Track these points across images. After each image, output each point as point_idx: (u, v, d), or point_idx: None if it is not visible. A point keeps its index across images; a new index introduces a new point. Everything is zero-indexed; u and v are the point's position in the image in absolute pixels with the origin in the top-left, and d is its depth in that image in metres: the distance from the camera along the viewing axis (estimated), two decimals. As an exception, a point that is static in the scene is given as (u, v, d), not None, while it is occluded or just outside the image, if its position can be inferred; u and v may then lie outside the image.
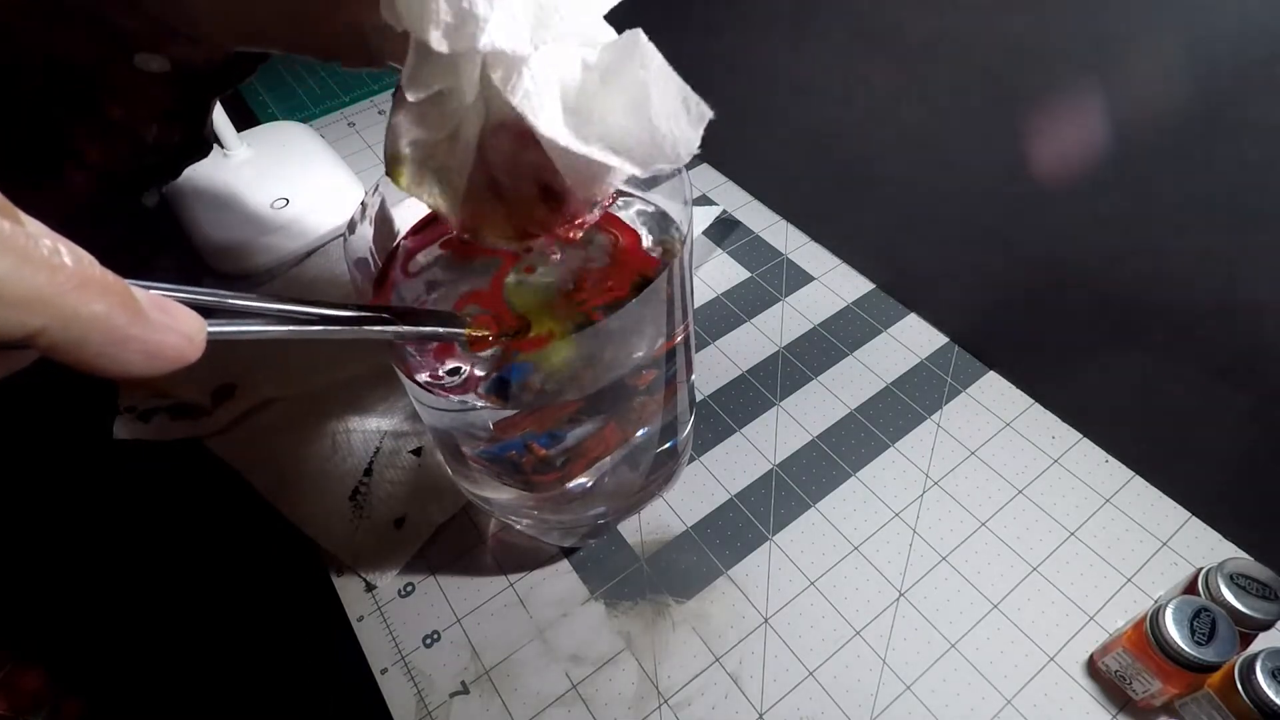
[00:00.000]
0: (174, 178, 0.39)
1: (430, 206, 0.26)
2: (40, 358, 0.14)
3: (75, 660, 0.50)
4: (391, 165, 0.25)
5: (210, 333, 0.17)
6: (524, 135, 0.24)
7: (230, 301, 0.20)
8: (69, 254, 0.14)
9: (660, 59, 0.22)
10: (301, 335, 0.21)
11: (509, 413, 0.31)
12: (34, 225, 0.14)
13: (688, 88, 0.22)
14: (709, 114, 0.22)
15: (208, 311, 0.17)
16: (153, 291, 0.16)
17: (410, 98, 0.23)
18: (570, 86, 0.23)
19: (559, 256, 0.33)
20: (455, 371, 0.30)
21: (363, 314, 0.24)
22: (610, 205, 0.35)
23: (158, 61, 0.31)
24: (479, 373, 0.30)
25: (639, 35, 0.22)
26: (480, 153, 0.25)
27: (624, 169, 0.23)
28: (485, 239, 0.27)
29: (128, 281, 0.15)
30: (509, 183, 0.25)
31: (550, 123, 0.22)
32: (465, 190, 0.25)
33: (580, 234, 0.32)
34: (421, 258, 0.34)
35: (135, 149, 0.34)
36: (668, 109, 0.22)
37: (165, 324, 0.15)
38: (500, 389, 0.30)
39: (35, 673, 0.46)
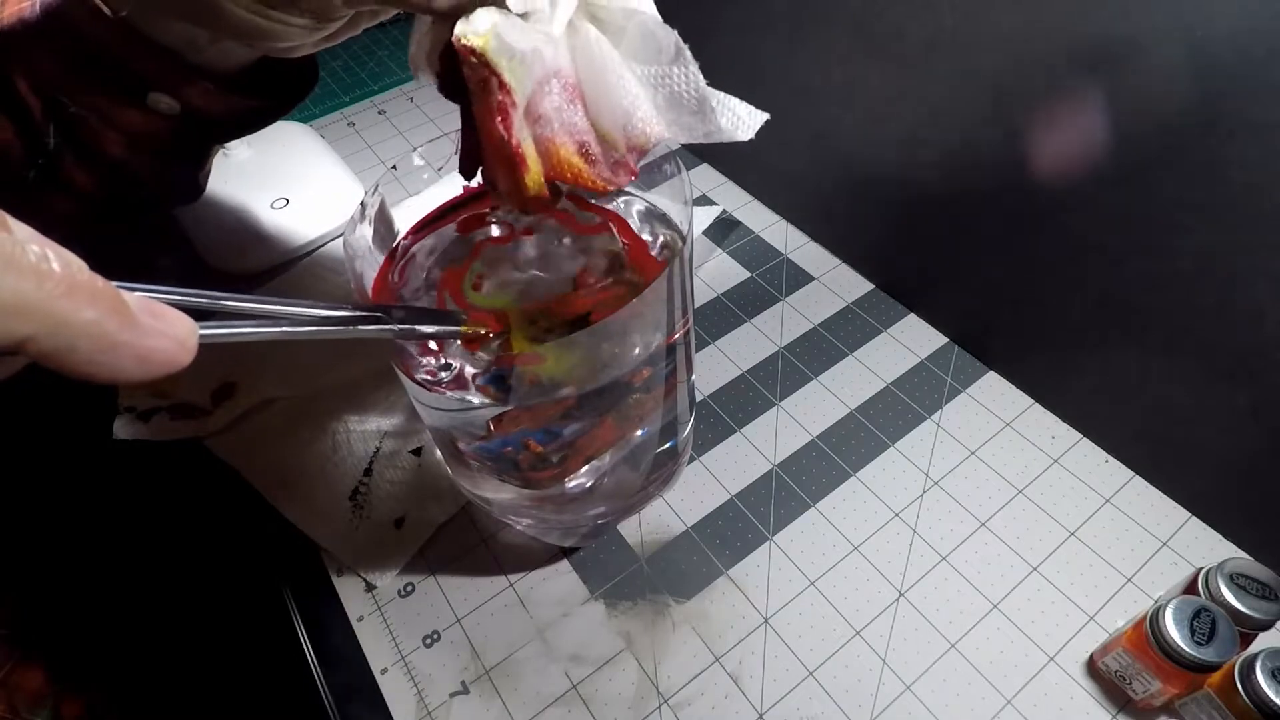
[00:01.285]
0: (164, 212, 0.39)
1: (498, 72, 0.24)
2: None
3: (75, 660, 0.50)
4: (469, 35, 0.23)
5: (203, 335, 0.17)
6: (576, 91, 0.25)
7: (225, 303, 0.20)
8: (57, 260, 0.14)
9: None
10: (296, 336, 0.21)
11: (506, 409, 0.31)
12: (22, 230, 0.14)
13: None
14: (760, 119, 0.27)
15: (202, 313, 0.17)
16: (144, 295, 0.16)
17: (513, 5, 0.23)
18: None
19: (518, 270, 0.33)
20: (446, 367, 0.31)
21: (357, 314, 0.24)
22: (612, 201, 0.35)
23: (167, 103, 0.31)
24: (472, 370, 0.30)
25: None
26: (534, 95, 0.25)
27: (691, 131, 0.26)
28: (502, 186, 0.27)
29: (118, 285, 0.15)
30: (549, 131, 0.26)
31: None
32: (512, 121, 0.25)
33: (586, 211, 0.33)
34: (420, 255, 0.35)
35: (129, 184, 0.34)
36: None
37: (156, 329, 0.15)
38: (498, 384, 0.30)
39: (35, 672, 0.46)
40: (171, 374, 0.16)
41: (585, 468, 0.35)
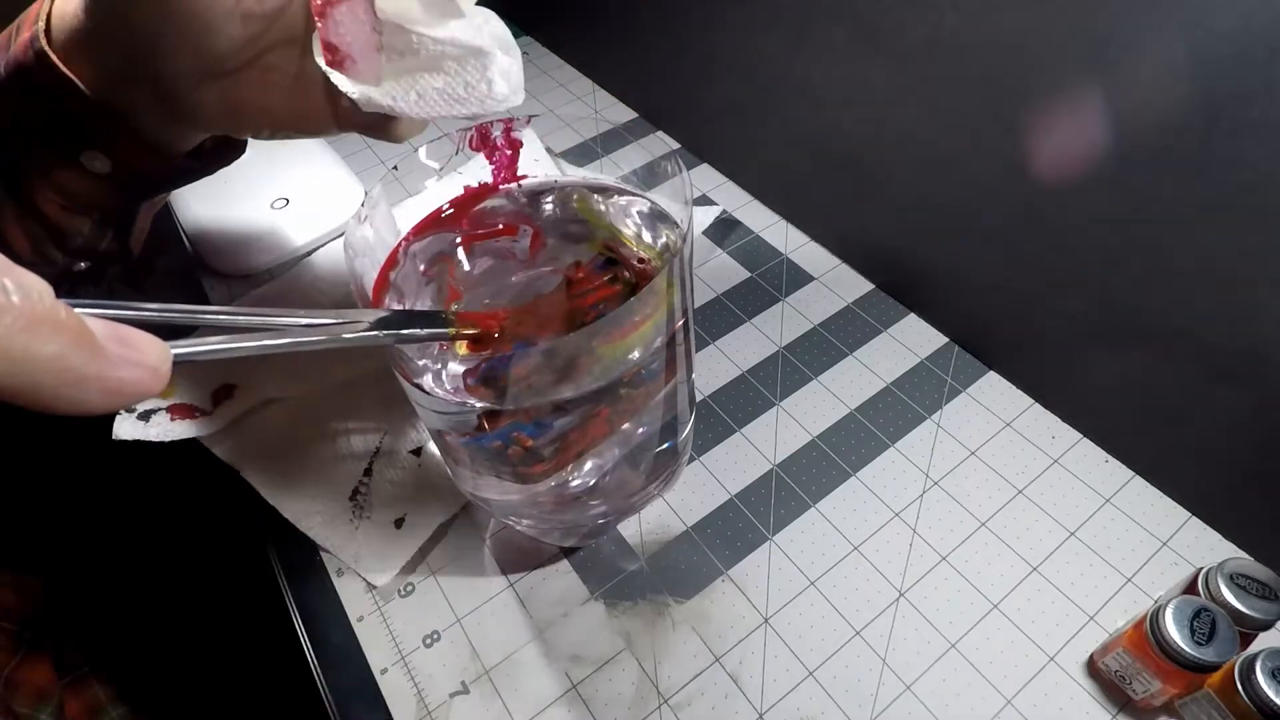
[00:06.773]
0: (96, 284, 0.40)
1: None
2: None
3: (77, 658, 0.50)
4: None
5: (176, 355, 0.16)
6: None
7: (205, 317, 0.19)
8: (17, 291, 0.13)
9: None
10: (275, 349, 0.20)
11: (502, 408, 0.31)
12: None
13: None
14: None
15: (184, 330, 0.17)
16: (114, 319, 0.15)
17: None
18: None
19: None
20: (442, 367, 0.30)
21: (340, 321, 0.23)
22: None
23: (100, 162, 0.32)
24: (458, 369, 0.30)
25: None
26: None
27: None
28: None
29: (88, 305, 0.14)
30: None
31: None
32: None
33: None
34: (422, 256, 0.35)
35: (61, 248, 0.35)
36: None
37: (125, 358, 0.15)
38: (490, 383, 0.30)
39: (42, 667, 0.46)
40: (173, 373, 0.16)
41: (587, 466, 0.35)
